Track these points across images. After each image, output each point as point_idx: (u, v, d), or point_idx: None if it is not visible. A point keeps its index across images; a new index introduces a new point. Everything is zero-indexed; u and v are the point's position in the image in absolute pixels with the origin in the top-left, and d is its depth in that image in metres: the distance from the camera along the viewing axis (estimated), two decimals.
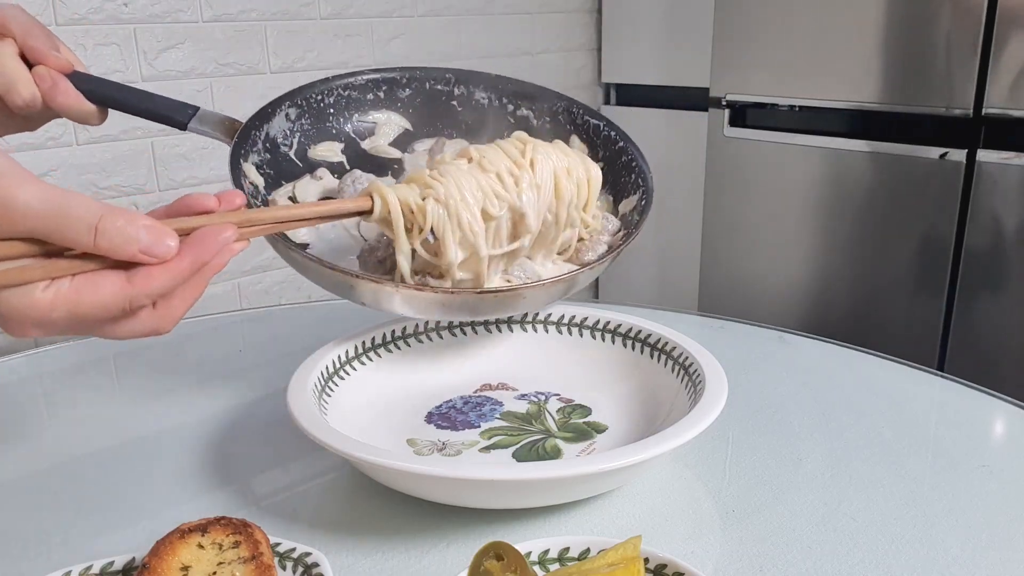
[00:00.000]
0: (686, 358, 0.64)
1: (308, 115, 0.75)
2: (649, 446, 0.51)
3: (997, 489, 0.57)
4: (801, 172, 1.64)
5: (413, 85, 0.78)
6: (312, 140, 0.75)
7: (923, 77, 1.44)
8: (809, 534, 0.52)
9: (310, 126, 0.75)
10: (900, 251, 1.54)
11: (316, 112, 0.75)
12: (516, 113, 0.79)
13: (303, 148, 0.74)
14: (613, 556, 0.42)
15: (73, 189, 1.53)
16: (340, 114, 0.76)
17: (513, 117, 0.79)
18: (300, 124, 0.74)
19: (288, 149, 0.73)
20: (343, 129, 0.76)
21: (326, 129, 0.76)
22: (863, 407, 0.70)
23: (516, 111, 0.79)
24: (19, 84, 0.59)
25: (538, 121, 0.79)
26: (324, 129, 0.76)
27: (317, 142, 0.75)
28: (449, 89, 0.79)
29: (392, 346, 0.70)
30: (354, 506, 0.56)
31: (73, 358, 0.85)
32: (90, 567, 0.45)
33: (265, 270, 1.84)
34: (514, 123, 0.79)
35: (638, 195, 0.73)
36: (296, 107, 0.74)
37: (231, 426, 0.68)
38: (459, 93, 0.79)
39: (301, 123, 0.74)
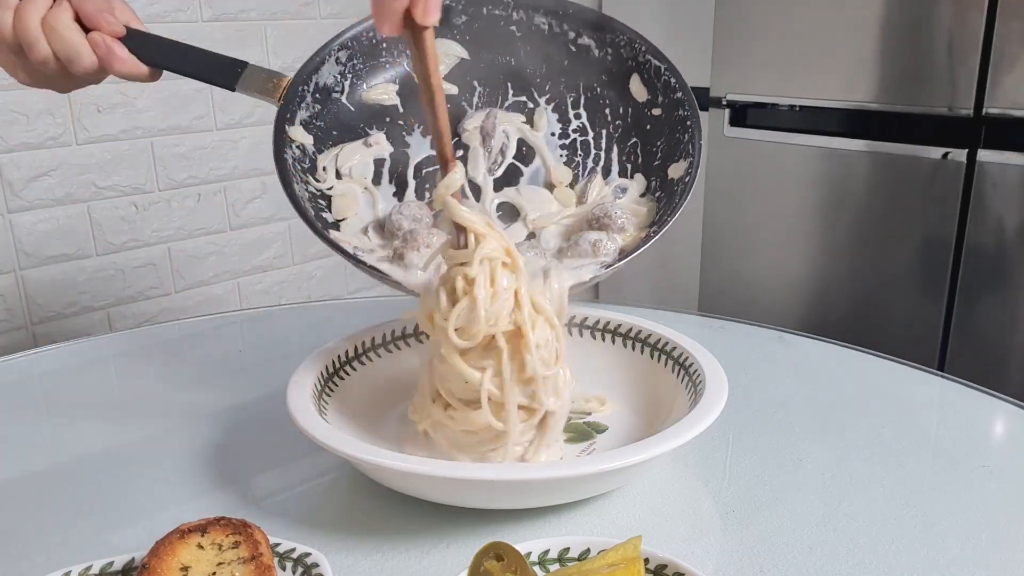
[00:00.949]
0: (686, 358, 0.64)
1: (360, 54, 0.72)
2: (649, 446, 0.51)
3: (997, 489, 0.57)
4: (802, 172, 1.63)
5: (470, 11, 0.74)
6: (365, 80, 0.73)
7: (924, 77, 1.44)
8: (809, 534, 0.52)
9: (363, 65, 0.72)
10: (901, 251, 1.54)
11: (368, 50, 0.72)
12: (577, 41, 0.74)
13: (356, 92, 0.72)
14: (613, 556, 0.41)
15: (73, 189, 1.53)
16: (393, 47, 0.74)
17: (574, 45, 0.74)
18: (352, 65, 0.72)
19: (340, 95, 0.71)
20: (397, 63, 0.74)
21: (379, 66, 0.73)
22: (863, 407, 0.70)
23: (577, 39, 0.74)
24: (79, 54, 0.61)
25: (599, 51, 0.74)
26: (377, 66, 0.73)
27: (371, 83, 0.73)
28: (507, 14, 0.75)
29: (392, 346, 0.70)
30: (354, 506, 0.56)
31: (73, 358, 0.85)
32: (90, 567, 0.45)
33: (265, 270, 1.84)
34: (575, 52, 0.74)
35: (686, 165, 0.68)
36: (347, 48, 0.71)
37: (231, 426, 0.68)
38: (517, 18, 0.75)
39: (353, 64, 0.72)
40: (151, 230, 1.65)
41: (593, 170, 0.73)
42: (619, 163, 0.73)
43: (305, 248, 1.88)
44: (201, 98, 1.65)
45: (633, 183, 0.71)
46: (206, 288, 1.76)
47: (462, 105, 0.75)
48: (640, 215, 0.68)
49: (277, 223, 1.83)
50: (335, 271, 1.94)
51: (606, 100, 0.74)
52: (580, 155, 0.74)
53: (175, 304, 1.72)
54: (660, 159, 0.71)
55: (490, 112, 0.74)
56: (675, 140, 0.70)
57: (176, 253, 1.70)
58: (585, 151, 0.74)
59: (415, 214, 0.68)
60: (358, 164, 0.71)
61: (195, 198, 1.69)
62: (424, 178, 0.73)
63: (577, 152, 0.74)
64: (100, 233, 1.58)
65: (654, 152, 0.72)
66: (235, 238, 1.77)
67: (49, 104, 1.47)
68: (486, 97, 0.75)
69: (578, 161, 0.74)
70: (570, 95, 0.75)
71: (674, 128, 0.71)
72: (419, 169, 0.73)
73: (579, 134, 0.74)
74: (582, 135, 0.74)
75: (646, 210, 0.69)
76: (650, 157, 0.72)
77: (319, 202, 0.67)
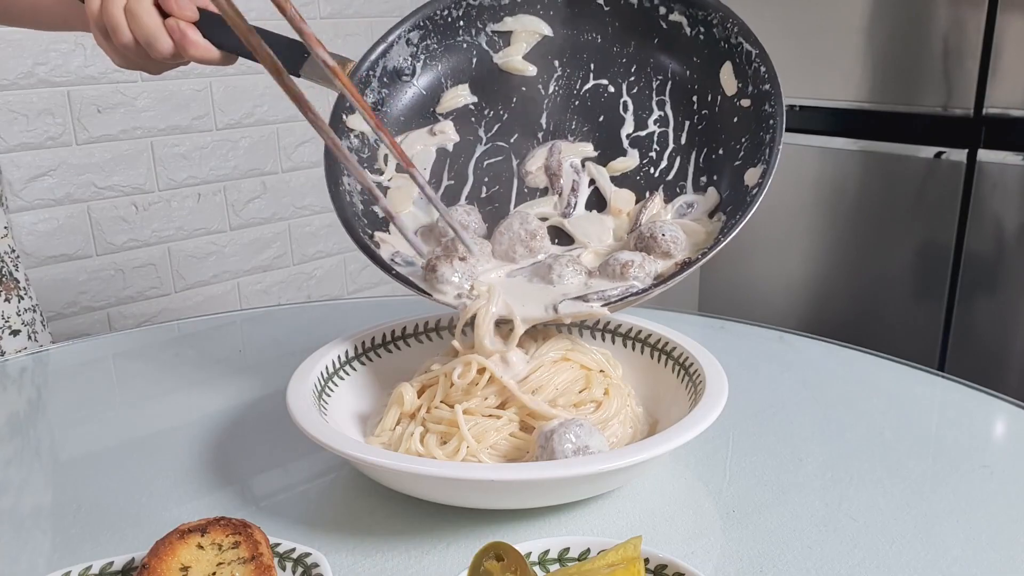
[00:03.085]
0: (686, 358, 0.64)
1: (434, 34, 0.69)
2: (649, 446, 0.51)
3: (998, 489, 0.57)
4: (802, 172, 1.63)
5: None
6: (438, 60, 0.70)
7: (924, 77, 1.44)
8: (809, 534, 0.52)
9: (437, 45, 0.70)
10: (901, 251, 1.54)
11: (442, 28, 0.70)
12: (668, 17, 0.69)
13: (430, 74, 0.69)
14: (613, 556, 0.41)
15: (73, 189, 1.53)
16: (471, 25, 0.70)
17: (665, 22, 0.69)
18: (425, 46, 0.69)
19: (411, 77, 0.69)
20: (475, 42, 0.71)
21: (456, 45, 0.70)
22: (863, 407, 0.70)
23: (668, 15, 0.69)
24: (157, 39, 0.63)
25: (692, 30, 0.68)
26: (453, 46, 0.70)
27: (444, 65, 0.70)
28: None
29: (392, 346, 0.70)
30: (354, 506, 0.56)
31: (73, 358, 0.85)
32: (90, 567, 0.45)
33: (265, 270, 1.84)
34: (666, 29, 0.69)
35: (760, 171, 0.62)
36: (419, 28, 0.69)
37: (231, 426, 0.68)
38: None
39: (426, 44, 0.70)
40: (151, 230, 1.65)
41: (657, 185, 0.68)
42: (695, 164, 0.68)
43: (305, 248, 1.88)
44: (201, 98, 1.65)
45: (703, 199, 0.66)
46: (206, 288, 1.76)
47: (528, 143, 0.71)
48: (698, 236, 0.64)
49: (277, 223, 1.83)
50: (335, 271, 1.94)
51: (693, 86, 0.69)
52: (656, 150, 0.69)
53: (175, 304, 1.72)
54: (741, 160, 0.65)
55: (553, 147, 0.70)
56: (758, 140, 0.64)
57: (176, 253, 1.70)
58: (662, 146, 0.69)
59: (462, 220, 0.66)
60: (420, 153, 0.69)
61: (195, 198, 1.69)
62: (484, 171, 0.70)
63: (653, 147, 0.69)
64: (100, 233, 1.58)
65: (736, 150, 0.66)
66: (235, 238, 1.77)
67: (49, 104, 1.47)
68: (565, 80, 0.71)
69: (651, 158, 0.69)
70: (656, 78, 0.70)
71: (759, 125, 0.65)
72: (480, 162, 0.70)
73: (659, 125, 0.69)
74: (662, 126, 0.69)
75: (706, 232, 0.64)
76: (731, 155, 0.66)
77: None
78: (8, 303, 0.92)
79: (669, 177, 0.68)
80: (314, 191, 1.86)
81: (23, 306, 0.94)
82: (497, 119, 0.71)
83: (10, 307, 0.92)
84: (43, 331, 0.97)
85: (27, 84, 1.42)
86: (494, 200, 0.70)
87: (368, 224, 0.67)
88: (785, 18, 1.57)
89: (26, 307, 0.94)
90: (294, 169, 1.82)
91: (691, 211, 0.66)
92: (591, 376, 0.61)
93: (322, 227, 1.89)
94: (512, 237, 0.65)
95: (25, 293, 0.95)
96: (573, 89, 0.71)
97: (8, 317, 0.92)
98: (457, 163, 0.70)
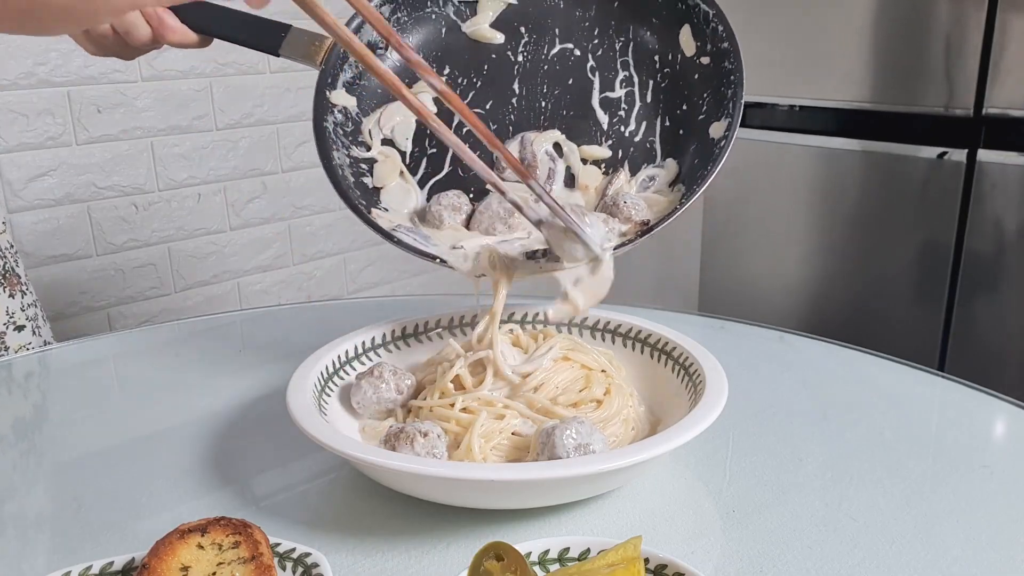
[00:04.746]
0: (686, 358, 0.64)
1: (404, 7, 0.72)
2: (649, 446, 0.51)
3: (998, 489, 0.57)
4: (801, 172, 1.63)
5: None
6: (409, 32, 0.72)
7: (924, 77, 1.44)
8: (809, 534, 0.52)
9: (407, 17, 0.72)
10: (900, 251, 1.54)
11: (412, 1, 0.72)
12: None
13: None
14: (613, 556, 0.41)
15: (73, 189, 1.53)
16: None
17: None
18: (396, 19, 0.71)
19: (384, 51, 0.71)
20: (443, 13, 0.74)
21: (425, 16, 0.73)
22: (863, 407, 0.70)
23: None
24: (134, 26, 0.64)
25: None
26: (423, 17, 0.73)
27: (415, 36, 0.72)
28: None
29: (392, 346, 0.70)
30: (354, 506, 0.56)
31: (74, 358, 0.85)
32: (90, 567, 0.45)
33: (265, 270, 1.84)
34: None
35: (725, 124, 0.67)
36: (389, 3, 0.71)
37: (231, 426, 0.68)
38: None
39: (397, 17, 0.71)
40: (151, 230, 1.65)
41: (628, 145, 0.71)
42: (661, 122, 0.71)
43: (305, 248, 1.88)
44: (201, 98, 1.65)
45: (663, 171, 0.70)
46: (206, 288, 1.76)
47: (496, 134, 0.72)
48: (659, 204, 0.67)
49: (277, 223, 1.83)
50: (335, 271, 1.94)
51: (654, 46, 0.72)
52: (624, 109, 0.72)
53: (175, 304, 1.72)
54: (704, 114, 0.69)
55: (523, 139, 0.72)
56: (720, 95, 0.68)
57: (176, 253, 1.70)
58: (630, 104, 0.72)
59: (454, 203, 0.68)
60: (400, 124, 0.70)
61: (195, 198, 1.69)
62: (464, 137, 0.71)
63: (621, 107, 0.72)
64: (100, 233, 1.59)
65: (699, 105, 0.69)
66: (235, 238, 1.77)
67: (49, 104, 1.47)
68: (532, 46, 0.74)
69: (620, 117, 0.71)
70: (618, 40, 0.73)
71: (720, 81, 0.68)
72: (460, 128, 0.71)
73: (625, 86, 0.72)
74: (627, 86, 0.72)
75: (667, 200, 0.67)
76: (695, 110, 0.69)
77: (360, 167, 0.67)
78: (12, 299, 0.92)
79: (638, 137, 0.71)
80: (314, 191, 1.86)
81: (26, 301, 0.94)
82: (471, 87, 0.73)
83: (14, 303, 0.92)
84: (45, 326, 0.97)
85: (27, 84, 1.42)
86: None
87: (362, 197, 0.68)
88: (785, 18, 1.57)
89: (29, 302, 0.94)
90: (294, 169, 1.82)
91: (653, 183, 0.70)
92: (591, 375, 0.61)
93: (322, 227, 1.89)
94: (492, 215, 0.67)
95: (27, 289, 0.95)
96: (541, 55, 0.74)
97: (12, 313, 0.92)
98: None
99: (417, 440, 0.54)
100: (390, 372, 0.63)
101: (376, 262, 1.97)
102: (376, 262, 1.97)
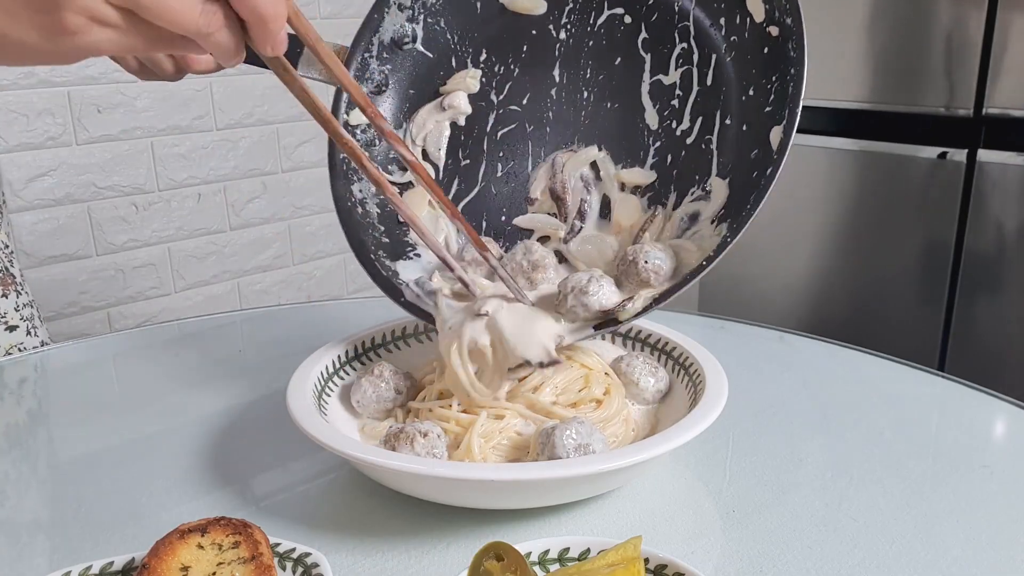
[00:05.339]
0: (686, 358, 0.64)
1: None
2: (649, 446, 0.51)
3: (998, 489, 0.57)
4: (801, 172, 1.63)
5: None
6: (439, 15, 0.66)
7: (924, 77, 1.44)
8: (809, 534, 0.52)
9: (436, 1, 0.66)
10: (901, 251, 1.54)
11: None
12: None
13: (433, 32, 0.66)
14: (613, 556, 0.41)
15: (73, 189, 1.53)
16: None
17: None
18: (422, 3, 0.66)
19: (412, 42, 0.66)
20: None
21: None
22: (863, 407, 0.70)
23: None
24: (159, 64, 0.65)
25: None
26: None
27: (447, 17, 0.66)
28: None
29: (392, 346, 0.70)
30: (354, 506, 0.56)
31: (73, 358, 0.85)
32: (90, 567, 0.45)
33: (265, 270, 1.84)
34: None
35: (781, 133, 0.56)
36: None
37: (231, 426, 0.68)
38: None
39: (423, 2, 0.66)
40: (151, 230, 1.65)
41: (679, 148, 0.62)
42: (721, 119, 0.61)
43: (305, 248, 1.88)
44: (201, 98, 1.65)
45: (708, 204, 0.61)
46: (206, 288, 1.76)
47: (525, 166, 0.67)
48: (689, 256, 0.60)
49: (277, 223, 1.83)
50: (335, 271, 1.94)
51: (720, 4, 0.61)
52: (679, 96, 0.62)
53: (175, 304, 1.72)
54: (771, 106, 0.58)
55: (554, 162, 0.66)
56: (785, 83, 0.57)
57: (176, 253, 1.70)
58: (685, 90, 0.62)
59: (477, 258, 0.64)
60: (433, 132, 0.67)
61: (195, 198, 1.69)
62: (499, 143, 0.67)
63: (674, 96, 0.63)
64: (100, 233, 1.59)
65: (767, 90, 0.58)
66: (235, 238, 1.77)
67: (49, 104, 1.47)
68: (577, 15, 0.66)
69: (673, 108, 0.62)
70: (677, 2, 0.62)
71: (785, 67, 0.57)
72: (494, 134, 0.67)
73: (682, 64, 0.62)
74: (684, 64, 0.62)
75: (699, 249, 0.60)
76: (762, 97, 0.58)
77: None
78: (6, 299, 0.91)
79: (691, 138, 0.62)
80: (314, 191, 1.86)
81: (21, 301, 0.94)
82: (508, 77, 0.67)
83: (7, 303, 0.92)
84: (41, 326, 0.97)
85: (27, 84, 1.42)
86: (511, 179, 0.68)
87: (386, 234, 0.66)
88: None
89: (24, 302, 0.94)
90: (294, 169, 1.82)
91: (695, 224, 0.62)
92: (591, 375, 0.61)
93: (322, 227, 1.89)
94: (515, 268, 0.63)
95: (22, 289, 0.95)
96: (586, 26, 0.65)
97: (5, 312, 0.91)
98: (471, 138, 0.67)
99: (417, 440, 0.54)
100: (390, 372, 0.63)
101: None
102: None
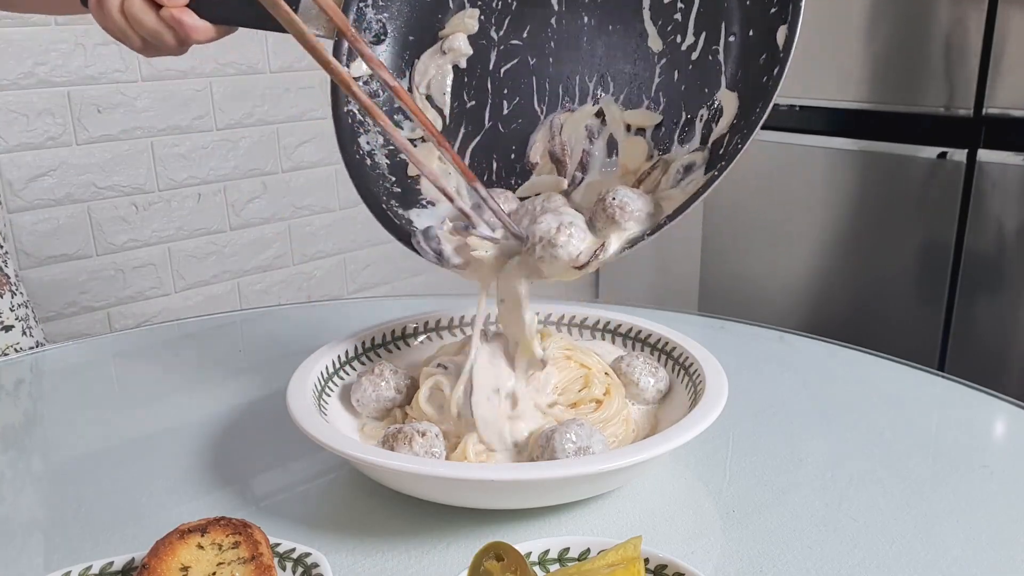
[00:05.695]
0: (686, 358, 0.64)
1: None
2: (649, 446, 0.51)
3: (998, 489, 0.57)
4: (801, 172, 1.64)
5: None
6: None
7: (924, 77, 1.44)
8: (809, 534, 0.52)
9: None
10: (901, 251, 1.54)
11: None
12: None
13: None
14: (613, 556, 0.41)
15: (73, 189, 1.53)
16: None
17: None
18: None
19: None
20: None
21: None
22: (863, 407, 0.70)
23: None
24: (160, 35, 0.63)
25: None
26: None
27: None
28: None
29: (392, 346, 0.70)
30: (354, 506, 0.56)
31: (73, 358, 0.85)
32: (90, 567, 0.45)
33: (265, 270, 1.84)
34: None
35: (786, 32, 0.56)
36: None
37: (231, 426, 0.68)
38: None
39: None
40: (151, 230, 1.65)
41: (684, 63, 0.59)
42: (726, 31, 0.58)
43: (305, 248, 1.88)
44: (201, 98, 1.65)
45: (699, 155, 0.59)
46: (206, 288, 1.76)
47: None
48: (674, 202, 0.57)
49: (277, 223, 1.83)
50: (335, 271, 1.94)
51: None
52: (681, 10, 0.60)
53: (175, 304, 1.72)
54: (776, 7, 0.56)
55: (552, 124, 0.64)
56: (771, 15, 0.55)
57: (176, 253, 1.70)
58: (688, 1, 0.60)
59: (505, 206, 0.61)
60: (436, 77, 0.65)
61: (195, 198, 1.69)
62: (503, 80, 0.65)
63: (676, 9, 0.60)
64: (100, 233, 1.59)
65: None
66: (235, 238, 1.77)
67: (49, 104, 1.47)
68: None
69: (676, 22, 0.60)
70: None
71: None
72: (497, 71, 0.65)
73: None
74: None
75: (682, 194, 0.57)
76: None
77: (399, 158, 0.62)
78: (0, 299, 0.91)
79: (695, 53, 0.60)
80: (314, 191, 1.86)
81: (16, 301, 0.93)
82: (507, 11, 0.65)
83: (2, 303, 0.91)
84: (36, 327, 0.97)
85: (27, 84, 1.42)
86: (517, 116, 0.66)
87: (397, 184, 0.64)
88: None
89: (19, 303, 0.94)
90: (294, 169, 1.82)
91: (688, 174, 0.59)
92: (591, 375, 0.61)
93: (322, 227, 1.89)
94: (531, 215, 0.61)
95: (17, 289, 0.94)
96: None
97: (0, 313, 0.91)
98: (474, 78, 0.66)
99: (415, 440, 0.54)
100: (390, 372, 0.63)
101: (376, 262, 1.97)
102: (376, 262, 1.97)
